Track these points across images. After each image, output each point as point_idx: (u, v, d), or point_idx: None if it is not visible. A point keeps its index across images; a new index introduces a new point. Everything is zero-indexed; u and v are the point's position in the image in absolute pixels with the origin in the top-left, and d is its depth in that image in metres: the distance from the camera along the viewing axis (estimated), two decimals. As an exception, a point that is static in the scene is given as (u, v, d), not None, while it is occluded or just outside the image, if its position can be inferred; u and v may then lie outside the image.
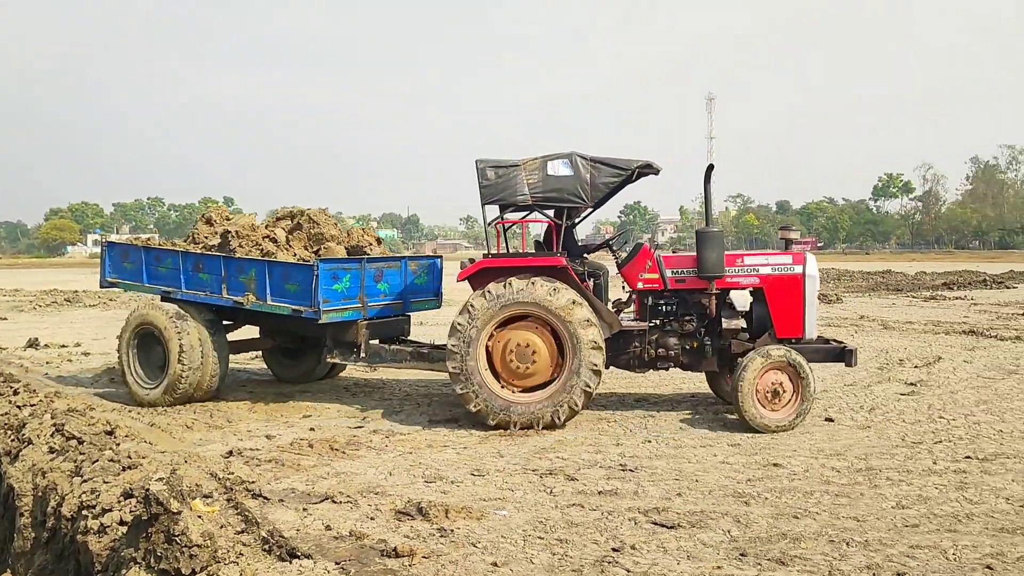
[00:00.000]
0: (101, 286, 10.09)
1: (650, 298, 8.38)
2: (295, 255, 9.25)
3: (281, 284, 8.76)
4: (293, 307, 8.64)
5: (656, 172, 8.50)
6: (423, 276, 9.82)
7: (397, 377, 10.67)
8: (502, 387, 7.85)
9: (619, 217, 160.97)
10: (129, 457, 6.26)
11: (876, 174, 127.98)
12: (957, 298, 22.80)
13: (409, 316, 9.72)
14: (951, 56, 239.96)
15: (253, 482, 5.84)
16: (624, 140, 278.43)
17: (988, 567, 4.28)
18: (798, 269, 8.32)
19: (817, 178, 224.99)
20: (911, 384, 9.80)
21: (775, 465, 6.30)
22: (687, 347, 8.33)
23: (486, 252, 8.47)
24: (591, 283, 8.50)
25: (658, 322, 8.35)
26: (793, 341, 8.18)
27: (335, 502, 5.43)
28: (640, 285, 8.36)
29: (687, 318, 8.33)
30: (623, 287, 8.70)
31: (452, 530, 4.89)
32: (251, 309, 8.93)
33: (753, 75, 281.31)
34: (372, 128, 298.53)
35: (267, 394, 9.58)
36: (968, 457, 6.49)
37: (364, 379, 10.64)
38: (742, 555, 4.48)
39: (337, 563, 4.31)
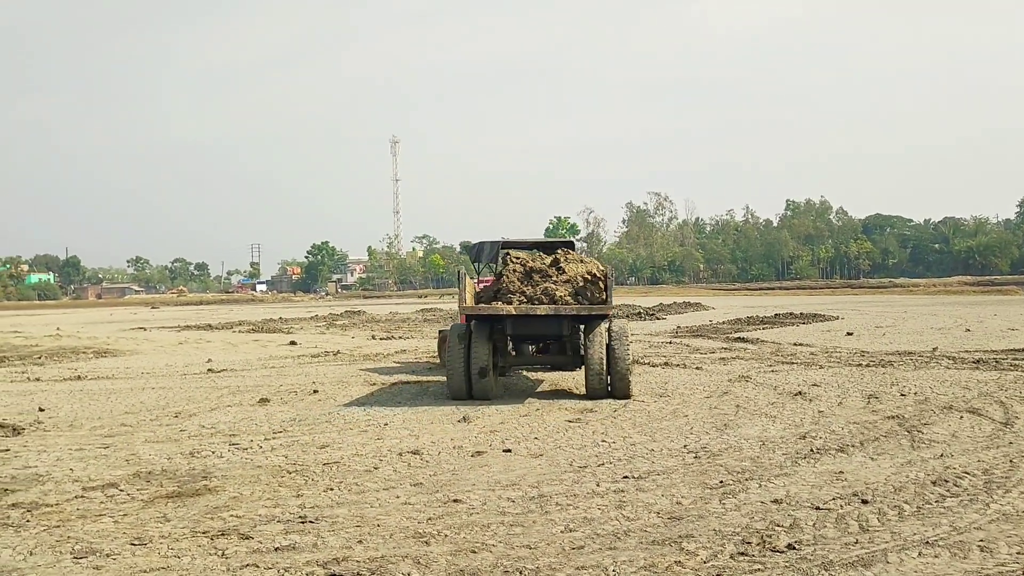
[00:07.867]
0: None
1: None
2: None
3: None
4: None
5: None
6: None
7: (45, 441, 9.38)
8: None
9: (306, 257, 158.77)
10: None
11: (548, 217, 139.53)
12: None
13: None
14: (610, 117, 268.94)
15: None
16: (314, 182, 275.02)
17: (642, 579, 4.66)
18: None
19: (496, 221, 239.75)
20: (577, 413, 10.58)
21: (455, 501, 6.41)
22: None
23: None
24: None
25: None
26: None
27: (-48, 598, 4.60)
28: None
29: None
30: None
31: (103, 612, 4.34)
32: None
33: (433, 119, 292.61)
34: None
35: None
36: (626, 477, 7.09)
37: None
38: (422, 598, 4.46)
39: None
